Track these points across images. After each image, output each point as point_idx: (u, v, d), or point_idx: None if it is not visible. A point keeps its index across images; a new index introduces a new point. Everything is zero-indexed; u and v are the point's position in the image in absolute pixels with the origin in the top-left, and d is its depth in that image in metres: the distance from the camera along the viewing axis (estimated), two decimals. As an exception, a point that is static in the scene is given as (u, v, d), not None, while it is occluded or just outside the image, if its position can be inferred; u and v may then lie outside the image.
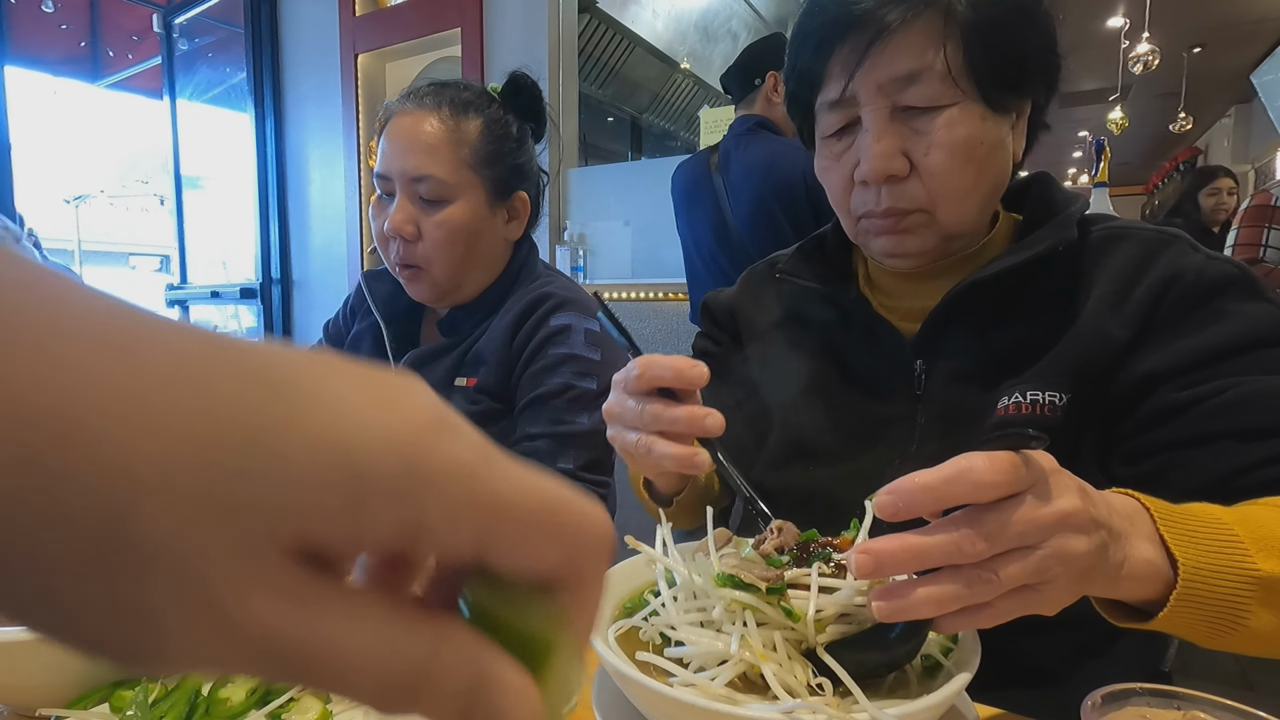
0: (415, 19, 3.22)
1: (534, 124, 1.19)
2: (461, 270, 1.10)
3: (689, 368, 0.55)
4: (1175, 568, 0.44)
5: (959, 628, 0.40)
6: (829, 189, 0.74)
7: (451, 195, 1.06)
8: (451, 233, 1.06)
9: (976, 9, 0.63)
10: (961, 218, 0.68)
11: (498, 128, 1.11)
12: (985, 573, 0.37)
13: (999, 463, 0.37)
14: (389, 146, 1.08)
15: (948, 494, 0.37)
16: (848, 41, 0.65)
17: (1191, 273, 0.63)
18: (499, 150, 1.10)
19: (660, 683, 0.41)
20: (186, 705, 0.46)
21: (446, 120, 1.07)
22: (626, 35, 4.96)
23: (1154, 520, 0.45)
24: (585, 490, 0.95)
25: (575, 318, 1.07)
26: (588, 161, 5.24)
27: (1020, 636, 0.61)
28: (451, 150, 1.06)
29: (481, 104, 1.11)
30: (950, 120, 0.64)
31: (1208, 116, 8.81)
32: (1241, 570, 0.44)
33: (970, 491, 0.37)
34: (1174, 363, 0.62)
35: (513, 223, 1.15)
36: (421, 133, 1.06)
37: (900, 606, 0.38)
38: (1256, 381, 0.58)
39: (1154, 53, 5.64)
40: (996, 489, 0.37)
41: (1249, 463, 0.57)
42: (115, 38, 5.53)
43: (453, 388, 1.08)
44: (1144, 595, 0.45)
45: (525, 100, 1.16)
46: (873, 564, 0.38)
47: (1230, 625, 0.45)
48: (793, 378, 0.81)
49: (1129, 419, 0.64)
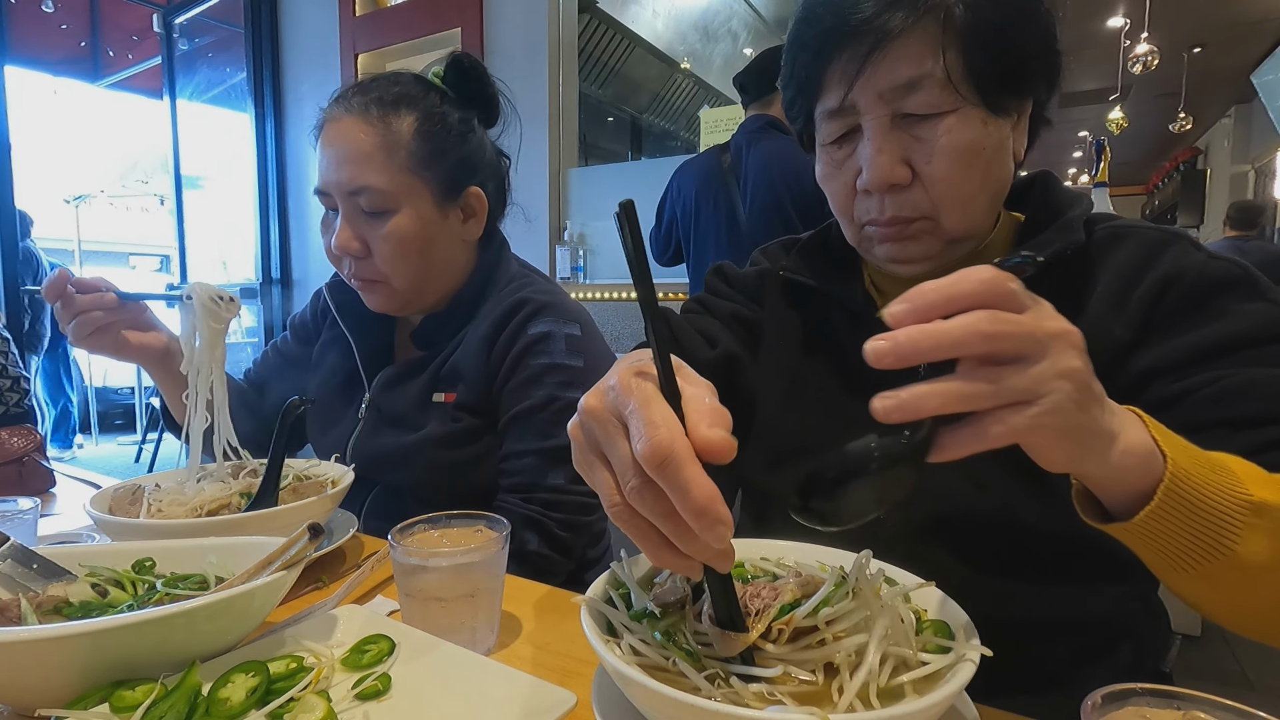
0: (415, 19, 3.22)
1: (482, 111, 1.08)
2: (420, 280, 1.02)
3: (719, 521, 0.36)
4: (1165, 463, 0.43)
5: (963, 448, 0.39)
6: (831, 196, 0.73)
7: (394, 204, 0.97)
8: (400, 244, 0.97)
9: (975, 13, 0.62)
10: (965, 222, 0.68)
11: (435, 121, 1.00)
12: (986, 372, 0.37)
13: (1003, 274, 0.38)
14: (321, 158, 0.99)
15: (956, 291, 0.38)
16: (846, 51, 0.64)
17: (1192, 272, 0.63)
18: (440, 146, 1.00)
19: (660, 683, 0.41)
20: (186, 705, 0.46)
21: (375, 122, 0.97)
22: (626, 35, 4.97)
23: (1145, 422, 0.44)
24: (577, 505, 0.94)
25: (555, 323, 0.99)
26: (588, 161, 5.24)
27: (1021, 638, 0.62)
28: (385, 155, 0.96)
29: (415, 96, 1.00)
30: (951, 126, 0.63)
31: (1208, 116, 8.81)
32: (1232, 491, 0.44)
33: (977, 288, 0.38)
34: (1171, 359, 0.62)
35: (470, 221, 1.06)
36: (351, 140, 0.96)
37: (904, 401, 0.37)
38: (1251, 371, 0.58)
39: (1154, 53, 5.64)
40: (1001, 288, 0.38)
41: (1242, 450, 0.56)
42: (115, 38, 5.52)
43: (431, 404, 1.01)
44: (1135, 485, 0.44)
45: (471, 84, 1.05)
46: (889, 344, 0.36)
47: (1216, 548, 0.44)
48: (796, 375, 0.80)
49: None
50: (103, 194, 13.79)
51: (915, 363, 0.37)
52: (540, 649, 0.64)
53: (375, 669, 0.53)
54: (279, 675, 0.50)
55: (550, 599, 0.74)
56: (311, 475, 0.91)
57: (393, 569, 0.64)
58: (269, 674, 0.49)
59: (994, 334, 0.37)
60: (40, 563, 0.62)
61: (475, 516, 0.68)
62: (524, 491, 0.94)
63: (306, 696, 0.49)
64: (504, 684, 0.51)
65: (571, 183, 3.03)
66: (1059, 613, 0.67)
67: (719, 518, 0.35)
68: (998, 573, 0.66)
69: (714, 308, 0.87)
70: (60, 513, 1.12)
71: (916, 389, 0.37)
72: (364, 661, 0.54)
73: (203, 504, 0.81)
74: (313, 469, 0.94)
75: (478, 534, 0.66)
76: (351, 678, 0.53)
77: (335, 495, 0.83)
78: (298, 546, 0.56)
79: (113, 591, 0.60)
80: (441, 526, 0.67)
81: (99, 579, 0.61)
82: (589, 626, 0.46)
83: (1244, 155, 8.35)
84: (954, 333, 0.36)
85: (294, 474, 0.90)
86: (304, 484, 0.88)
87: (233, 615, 0.53)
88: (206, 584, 0.61)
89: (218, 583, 0.61)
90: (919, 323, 0.37)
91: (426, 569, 0.60)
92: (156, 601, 0.58)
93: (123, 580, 0.62)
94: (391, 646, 0.56)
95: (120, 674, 0.48)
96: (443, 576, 0.60)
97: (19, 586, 0.60)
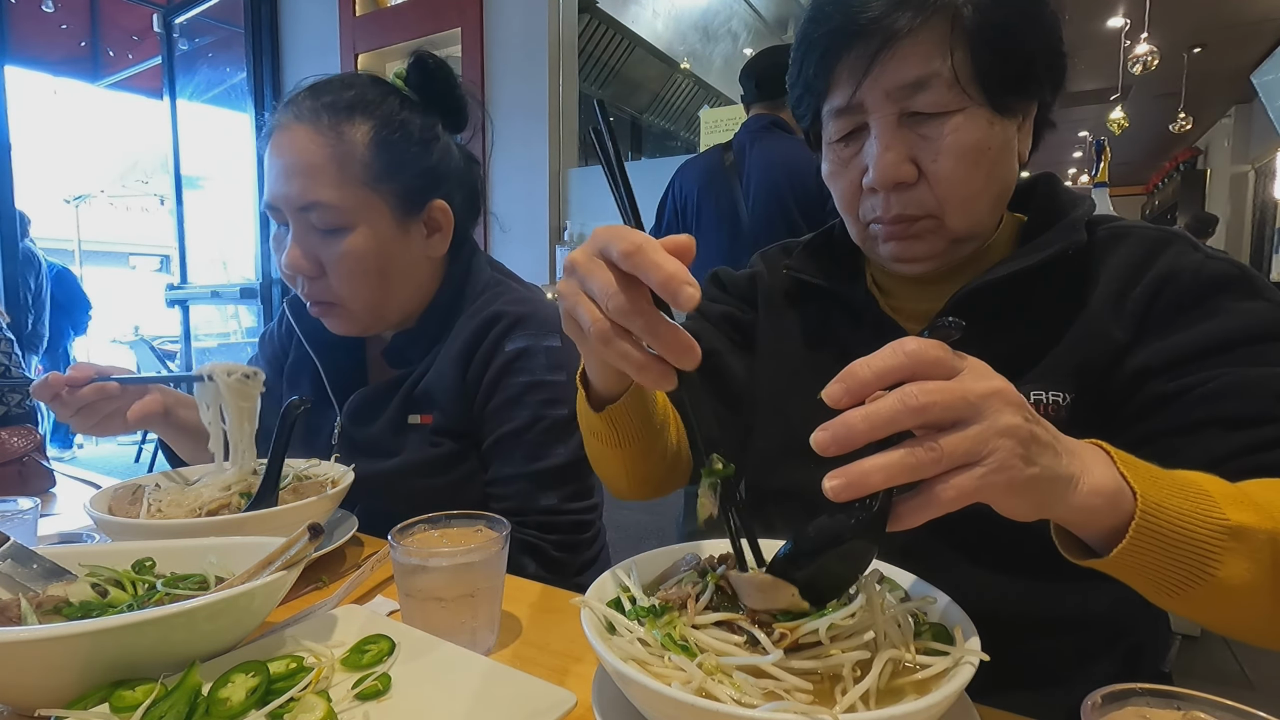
0: (415, 19, 3.22)
1: (448, 116, 0.99)
2: (380, 301, 0.95)
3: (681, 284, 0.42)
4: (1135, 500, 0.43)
5: (918, 516, 0.40)
6: (836, 194, 0.73)
7: (348, 221, 0.89)
8: (356, 264, 0.90)
9: (983, 13, 0.62)
10: (970, 222, 0.68)
11: (394, 129, 0.92)
12: (928, 442, 0.38)
13: (930, 342, 0.40)
14: (269, 169, 0.91)
15: (884, 366, 0.39)
16: (854, 49, 0.64)
17: (1189, 272, 0.63)
18: (399, 157, 0.92)
19: (660, 683, 0.41)
20: (186, 705, 0.46)
21: (326, 131, 0.88)
22: (626, 35, 4.97)
23: (1111, 457, 0.45)
24: (573, 524, 0.91)
25: (533, 337, 0.93)
26: (588, 162, 5.24)
27: (1021, 638, 0.62)
28: (337, 168, 0.88)
29: (371, 101, 0.92)
30: (958, 126, 0.64)
31: (1208, 117, 8.81)
32: (1209, 517, 0.44)
33: (904, 362, 0.39)
34: (1166, 357, 0.62)
35: (435, 237, 0.97)
36: (299, 151, 0.88)
37: (851, 479, 0.38)
38: (1244, 371, 0.58)
39: (1154, 53, 5.64)
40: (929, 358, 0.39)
41: (1233, 449, 0.57)
42: (115, 38, 5.52)
43: (407, 426, 0.96)
44: (1107, 523, 0.44)
45: (436, 87, 0.97)
46: (828, 436, 0.38)
47: (1198, 575, 0.44)
48: (797, 373, 0.81)
49: (1121, 413, 0.64)
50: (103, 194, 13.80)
51: (856, 447, 0.38)
52: (540, 649, 0.64)
53: (375, 669, 0.53)
54: (279, 675, 0.50)
55: (550, 599, 0.74)
56: (311, 475, 0.91)
57: (393, 569, 0.64)
58: (269, 674, 0.49)
59: (923, 406, 0.38)
60: (40, 563, 0.62)
61: (475, 516, 0.68)
62: (517, 516, 0.90)
63: (306, 696, 0.49)
64: (504, 684, 0.51)
65: (571, 183, 3.03)
66: (1058, 611, 0.67)
67: (684, 279, 0.42)
68: (997, 571, 0.66)
69: (706, 311, 0.88)
70: (60, 513, 1.12)
71: (863, 465, 0.38)
72: (364, 661, 0.54)
73: (203, 504, 0.81)
74: (313, 469, 0.94)
75: (478, 534, 0.66)
76: (351, 678, 0.53)
77: (335, 495, 0.83)
78: (298, 546, 0.56)
79: (113, 591, 0.60)
80: (441, 526, 0.67)
81: (99, 579, 0.61)
82: (589, 626, 0.46)
83: (1244, 155, 8.35)
84: (884, 412, 0.38)
85: (294, 474, 0.90)
86: (304, 484, 0.88)
87: (233, 615, 0.53)
88: (206, 584, 0.61)
89: (218, 583, 0.61)
90: (855, 402, 0.39)
91: (426, 569, 0.60)
92: (156, 601, 0.58)
93: (123, 580, 0.62)
94: (391, 646, 0.56)
95: (120, 674, 0.48)
96: (443, 576, 0.60)
97: (19, 586, 0.60)
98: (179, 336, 4.41)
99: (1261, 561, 0.45)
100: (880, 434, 0.38)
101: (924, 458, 0.38)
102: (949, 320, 0.41)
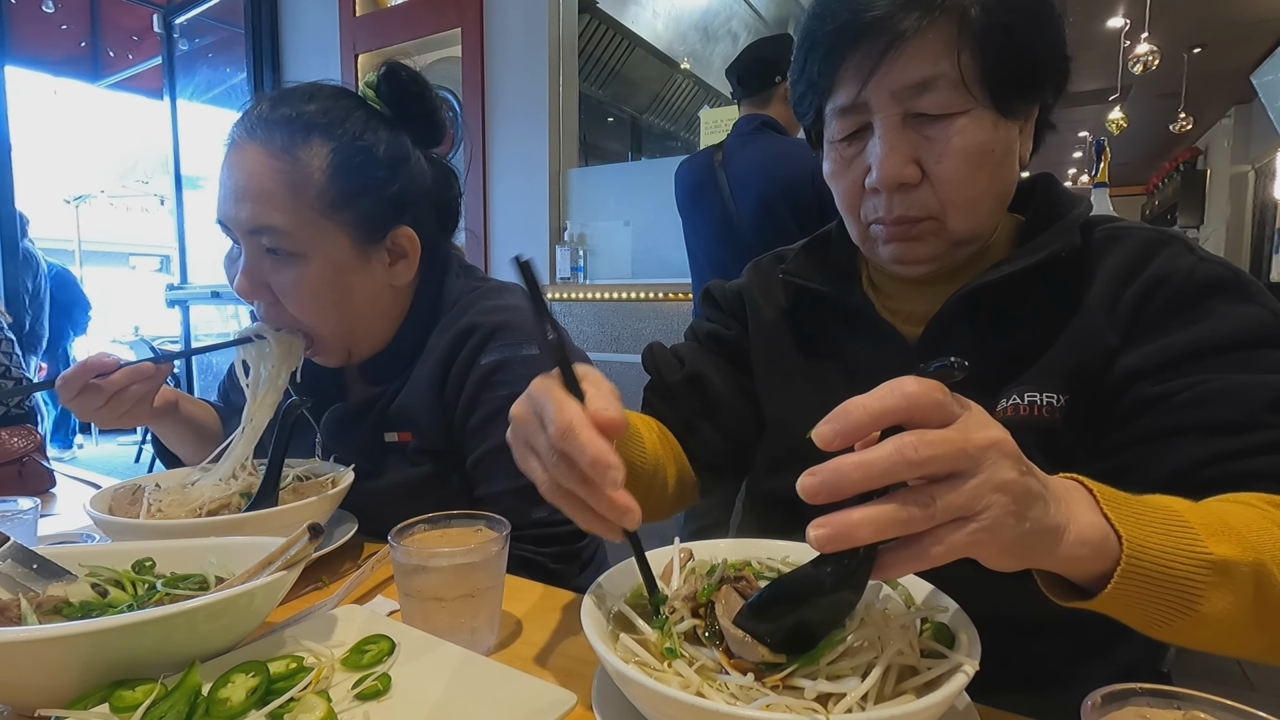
0: (415, 19, 3.22)
1: (421, 131, 0.92)
2: (345, 331, 0.90)
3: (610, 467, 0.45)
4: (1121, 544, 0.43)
5: (903, 569, 0.39)
6: (838, 194, 0.73)
7: (301, 249, 0.83)
8: (311, 295, 0.85)
9: (990, 14, 0.62)
10: (971, 224, 0.68)
11: (354, 153, 0.84)
12: (922, 496, 0.37)
13: (928, 383, 0.38)
14: (220, 184, 0.85)
15: (880, 408, 0.37)
16: (860, 49, 0.64)
17: (1181, 274, 0.63)
18: (359, 184, 0.85)
19: (660, 683, 0.41)
20: (186, 705, 0.46)
21: (280, 155, 0.82)
22: (626, 35, 4.96)
23: (1095, 498, 0.44)
24: (570, 534, 0.88)
25: (508, 349, 0.89)
26: (588, 161, 5.24)
27: (1021, 637, 0.62)
28: (290, 194, 0.82)
29: (332, 121, 0.84)
30: (963, 128, 0.63)
31: (1208, 117, 8.80)
32: (1193, 553, 0.44)
33: (901, 404, 0.37)
34: (1153, 359, 0.61)
35: (399, 265, 0.91)
36: (250, 173, 0.82)
37: (837, 531, 0.36)
38: (1229, 377, 0.58)
39: (1154, 53, 5.64)
40: (927, 401, 0.37)
41: (1213, 456, 0.56)
42: (115, 38, 5.52)
43: (385, 444, 0.93)
44: (1093, 569, 0.44)
45: (408, 100, 0.89)
46: (818, 482, 0.36)
47: (1183, 609, 0.44)
48: (795, 378, 0.81)
49: (1109, 414, 0.64)
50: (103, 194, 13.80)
51: (846, 497, 0.37)
52: (540, 649, 0.64)
53: (375, 669, 0.53)
54: (279, 675, 0.50)
55: (550, 599, 0.74)
56: (311, 475, 0.91)
57: (393, 569, 0.64)
58: (269, 674, 0.49)
59: (923, 460, 0.36)
60: (40, 563, 0.62)
61: (475, 516, 0.68)
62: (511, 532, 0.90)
63: (306, 696, 0.49)
64: (504, 684, 0.51)
65: (571, 183, 3.03)
66: (1058, 610, 0.67)
67: (609, 463, 0.45)
68: (996, 570, 0.66)
69: (698, 329, 0.91)
70: (60, 513, 1.12)
71: (851, 517, 0.37)
72: (364, 661, 0.54)
73: (203, 504, 0.81)
74: (313, 469, 0.94)
75: (478, 534, 0.66)
76: (351, 678, 0.53)
77: (335, 495, 0.83)
78: (298, 547, 0.56)
79: (113, 591, 0.60)
80: (441, 526, 0.67)
81: (99, 579, 0.61)
82: (589, 626, 0.46)
83: (1244, 156, 8.35)
84: (880, 464, 0.36)
85: (294, 474, 0.90)
86: (304, 484, 0.88)
87: (233, 615, 0.53)
88: (206, 584, 0.61)
89: (218, 583, 0.61)
90: (847, 444, 0.37)
91: (426, 569, 0.60)
92: (156, 602, 0.58)
93: (123, 580, 0.62)
94: (391, 646, 0.56)
95: (120, 674, 0.48)
96: (443, 576, 0.60)
97: (19, 586, 0.60)
98: (179, 337, 4.41)
99: (1244, 593, 0.45)
100: (873, 486, 0.37)
101: (917, 515, 0.37)
102: (953, 361, 0.39)
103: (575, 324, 2.76)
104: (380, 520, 0.86)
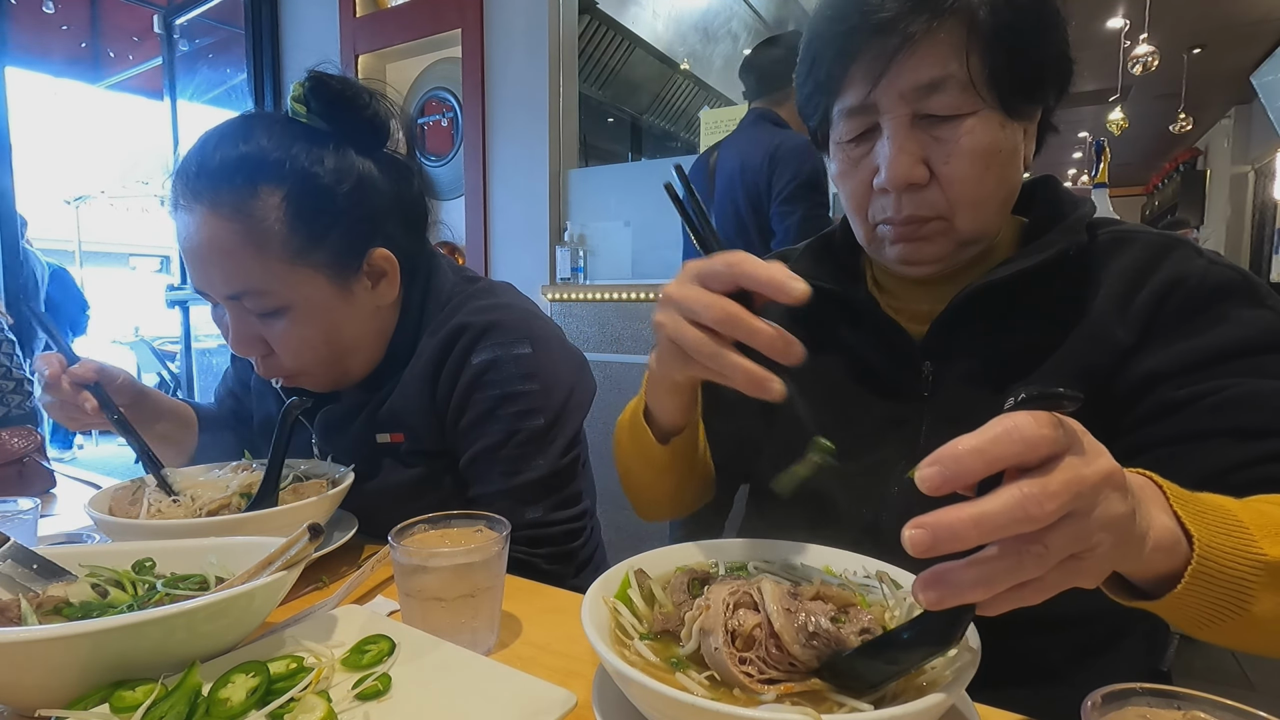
0: (415, 19, 3.22)
1: (365, 138, 0.88)
2: (339, 359, 0.91)
3: (788, 278, 0.49)
4: (1190, 544, 0.42)
5: (1005, 608, 0.37)
6: (845, 194, 0.73)
7: (283, 302, 0.83)
8: (303, 342, 0.86)
9: (999, 16, 0.62)
10: (978, 224, 0.69)
11: (308, 192, 0.81)
12: (1035, 545, 0.34)
13: (1043, 419, 0.34)
14: (181, 254, 0.83)
15: (996, 454, 0.34)
16: (870, 49, 0.64)
17: (1194, 277, 0.64)
18: (321, 224, 0.82)
19: (660, 683, 0.41)
20: (186, 705, 0.46)
21: (232, 216, 0.79)
22: (626, 36, 4.96)
23: (1167, 497, 0.44)
24: (563, 534, 0.89)
25: (500, 347, 0.88)
26: (588, 162, 5.24)
27: (1021, 636, 0.62)
28: (255, 251, 0.80)
29: (275, 161, 0.80)
30: (971, 128, 0.64)
31: (1208, 117, 8.81)
32: (1249, 554, 0.44)
33: (1019, 450, 0.34)
34: (1174, 363, 0.62)
35: (381, 284, 0.90)
36: (208, 240, 0.79)
37: (950, 593, 0.35)
38: (1254, 382, 0.59)
39: (1154, 53, 5.64)
40: (1045, 443, 0.34)
41: (1244, 460, 0.57)
42: (116, 38, 5.53)
43: (378, 445, 0.93)
44: (1160, 570, 0.43)
45: (341, 108, 0.85)
46: (929, 538, 0.33)
47: (1234, 609, 0.44)
48: (800, 379, 0.80)
49: (1128, 416, 0.64)
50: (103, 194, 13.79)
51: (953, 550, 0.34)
52: (540, 649, 0.64)
53: (375, 669, 0.53)
54: (279, 675, 0.50)
55: (550, 599, 0.74)
56: (311, 475, 0.91)
57: (393, 569, 0.64)
58: (269, 674, 0.49)
59: (1045, 515, 0.33)
60: (40, 563, 0.62)
61: (475, 517, 0.68)
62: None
63: (306, 697, 0.49)
64: (504, 684, 0.51)
65: (571, 183, 3.02)
66: (1058, 609, 0.67)
67: (789, 275, 0.49)
68: None
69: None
70: (60, 513, 1.12)
71: (962, 577, 0.35)
72: (364, 662, 0.54)
73: (203, 504, 0.81)
74: (313, 469, 0.93)
75: (478, 534, 0.66)
76: (351, 678, 0.53)
77: (335, 495, 0.83)
78: (298, 547, 0.56)
79: (113, 592, 0.60)
80: (441, 526, 0.67)
81: (99, 579, 0.61)
82: (589, 626, 0.46)
83: (1244, 156, 8.35)
84: (999, 520, 0.33)
85: (294, 474, 0.90)
86: (304, 484, 0.88)
87: (233, 615, 0.53)
88: (206, 584, 0.61)
89: (218, 583, 0.61)
90: (952, 490, 0.35)
91: (426, 569, 0.60)
92: (156, 602, 0.58)
93: (123, 580, 0.62)
94: (391, 646, 0.56)
95: (120, 674, 0.48)
96: (443, 576, 0.60)
97: (19, 586, 0.60)
98: (179, 337, 4.40)
99: None
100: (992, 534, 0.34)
101: (1031, 568, 0.34)
102: (1064, 391, 0.35)
103: (575, 324, 2.75)
104: (376, 522, 0.86)
